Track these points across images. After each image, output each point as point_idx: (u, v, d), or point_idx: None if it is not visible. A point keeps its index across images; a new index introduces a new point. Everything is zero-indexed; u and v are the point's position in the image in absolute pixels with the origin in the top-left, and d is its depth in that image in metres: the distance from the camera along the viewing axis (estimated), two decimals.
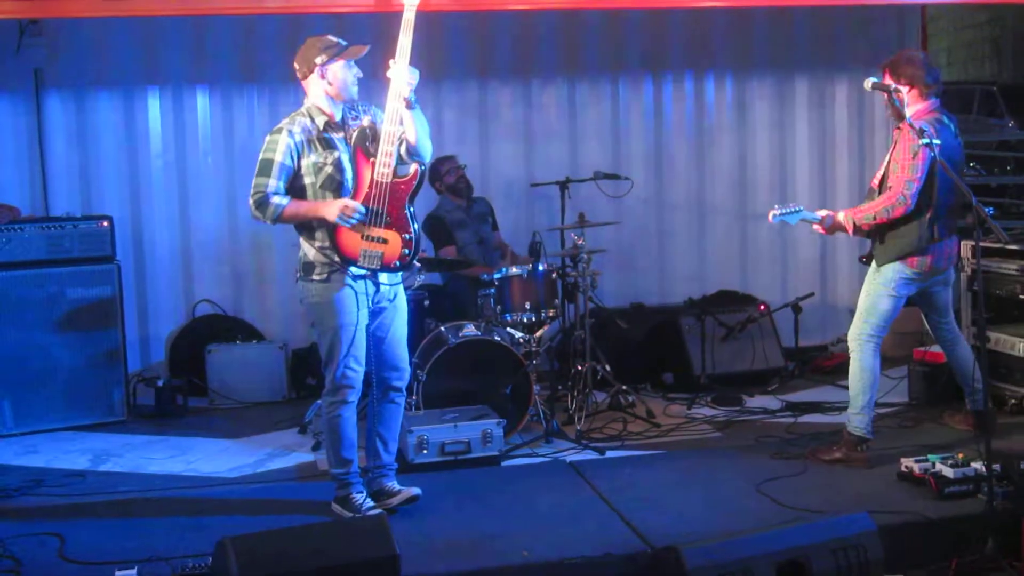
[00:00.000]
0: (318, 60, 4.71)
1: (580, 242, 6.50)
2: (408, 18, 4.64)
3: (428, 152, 4.82)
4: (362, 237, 4.65)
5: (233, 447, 6.32)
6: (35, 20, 7.15)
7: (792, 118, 8.65)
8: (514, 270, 6.40)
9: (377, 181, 4.67)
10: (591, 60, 8.31)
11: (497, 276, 6.41)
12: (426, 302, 6.77)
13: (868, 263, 5.63)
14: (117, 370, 6.89)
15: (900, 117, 5.36)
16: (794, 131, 8.65)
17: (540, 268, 6.41)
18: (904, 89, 5.39)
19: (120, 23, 7.31)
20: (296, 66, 4.79)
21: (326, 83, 4.73)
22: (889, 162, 5.43)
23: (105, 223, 6.96)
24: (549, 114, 8.33)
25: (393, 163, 4.69)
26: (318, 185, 4.72)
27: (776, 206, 5.57)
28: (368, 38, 4.95)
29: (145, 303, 7.77)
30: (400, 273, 4.88)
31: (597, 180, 7.33)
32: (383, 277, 4.79)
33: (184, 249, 7.85)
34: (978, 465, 4.81)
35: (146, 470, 5.89)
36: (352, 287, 4.73)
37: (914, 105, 5.41)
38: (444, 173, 7.28)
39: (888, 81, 5.43)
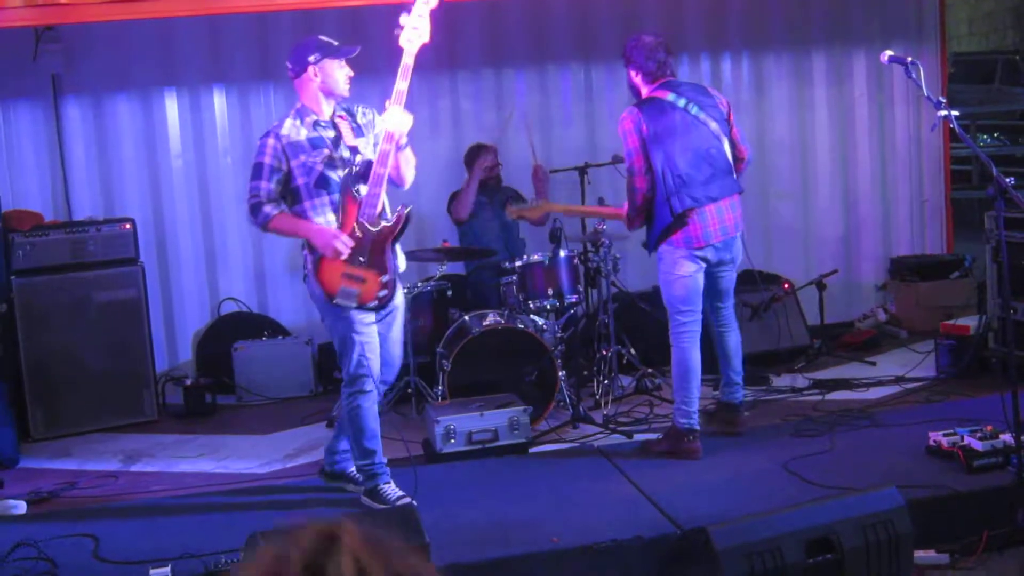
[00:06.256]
0: (311, 58, 4.77)
1: (601, 227, 6.49)
2: (407, 63, 4.62)
3: (410, 182, 4.90)
4: (342, 275, 4.70)
5: (263, 443, 6.37)
6: (51, 26, 7.18)
7: (810, 95, 8.57)
8: (535, 257, 6.40)
9: (362, 222, 4.71)
10: (606, 43, 8.25)
11: (519, 264, 6.41)
12: (449, 292, 6.77)
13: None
14: (145, 371, 6.94)
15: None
16: (813, 108, 8.58)
17: (562, 254, 6.41)
18: (632, 74, 5.39)
19: (135, 26, 7.33)
20: (289, 66, 4.85)
21: (319, 81, 4.78)
22: None
23: (128, 225, 7.01)
24: (566, 99, 8.32)
25: (379, 204, 4.72)
26: (312, 184, 4.77)
27: None
28: (379, 37, 4.96)
29: (170, 303, 7.82)
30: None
31: (616, 164, 7.28)
32: None
33: (207, 248, 7.89)
34: (1007, 437, 4.78)
35: (177, 469, 5.95)
36: None
37: (642, 88, 5.39)
38: (483, 168, 7.26)
39: (632, 70, 5.39)
